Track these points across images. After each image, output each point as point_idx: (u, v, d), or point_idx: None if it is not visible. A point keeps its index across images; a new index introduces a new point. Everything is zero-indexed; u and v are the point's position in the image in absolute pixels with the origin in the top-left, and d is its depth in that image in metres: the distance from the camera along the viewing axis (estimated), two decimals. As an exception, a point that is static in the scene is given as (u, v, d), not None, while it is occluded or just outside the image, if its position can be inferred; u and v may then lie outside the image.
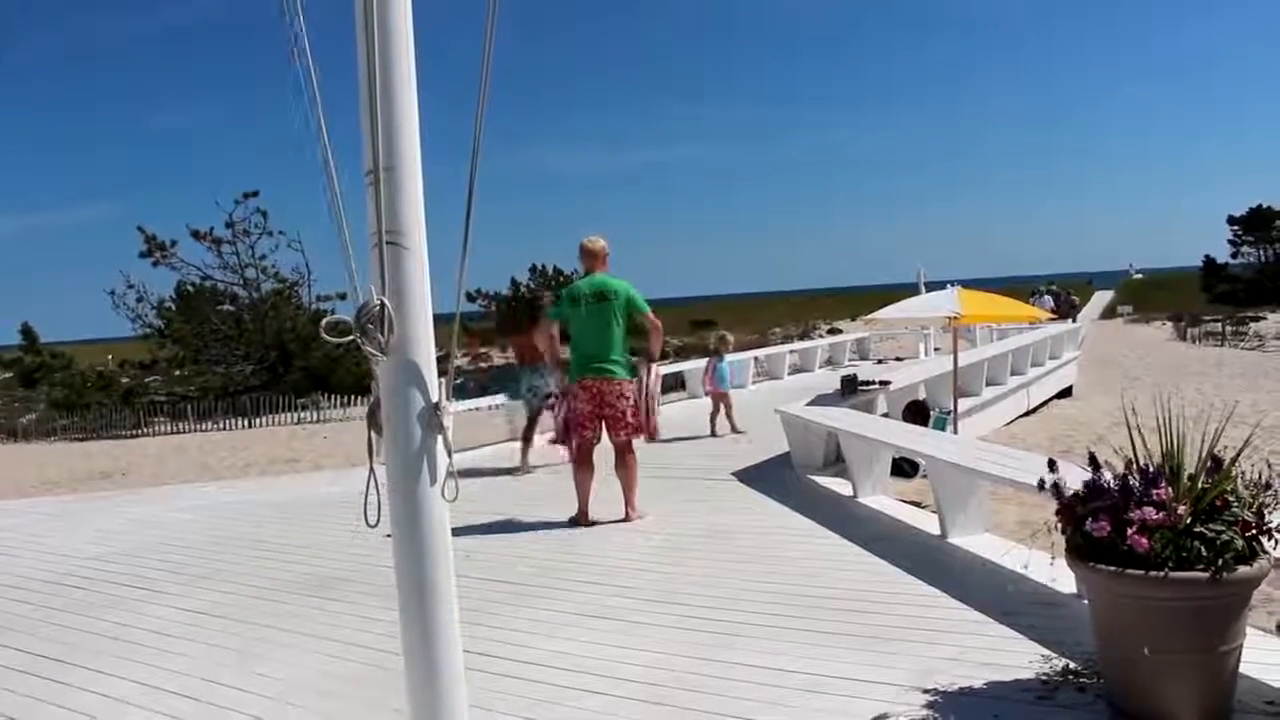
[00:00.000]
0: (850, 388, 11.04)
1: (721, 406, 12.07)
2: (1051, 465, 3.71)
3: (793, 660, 4.06)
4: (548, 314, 7.48)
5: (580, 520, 6.88)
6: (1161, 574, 3.09)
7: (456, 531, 2.54)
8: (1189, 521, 3.13)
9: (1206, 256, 65.79)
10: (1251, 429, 4.64)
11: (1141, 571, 3.11)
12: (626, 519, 6.91)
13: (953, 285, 12.34)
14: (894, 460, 7.90)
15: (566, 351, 7.16)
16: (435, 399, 2.42)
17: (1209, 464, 3.28)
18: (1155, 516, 3.13)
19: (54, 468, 16.01)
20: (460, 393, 23.61)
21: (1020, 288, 22.23)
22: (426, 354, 2.42)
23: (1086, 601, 3.74)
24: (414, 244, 2.38)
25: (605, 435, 6.94)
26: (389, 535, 2.46)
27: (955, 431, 10.52)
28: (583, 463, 6.92)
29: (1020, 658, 3.89)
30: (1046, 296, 22.01)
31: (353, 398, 22.62)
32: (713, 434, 11.71)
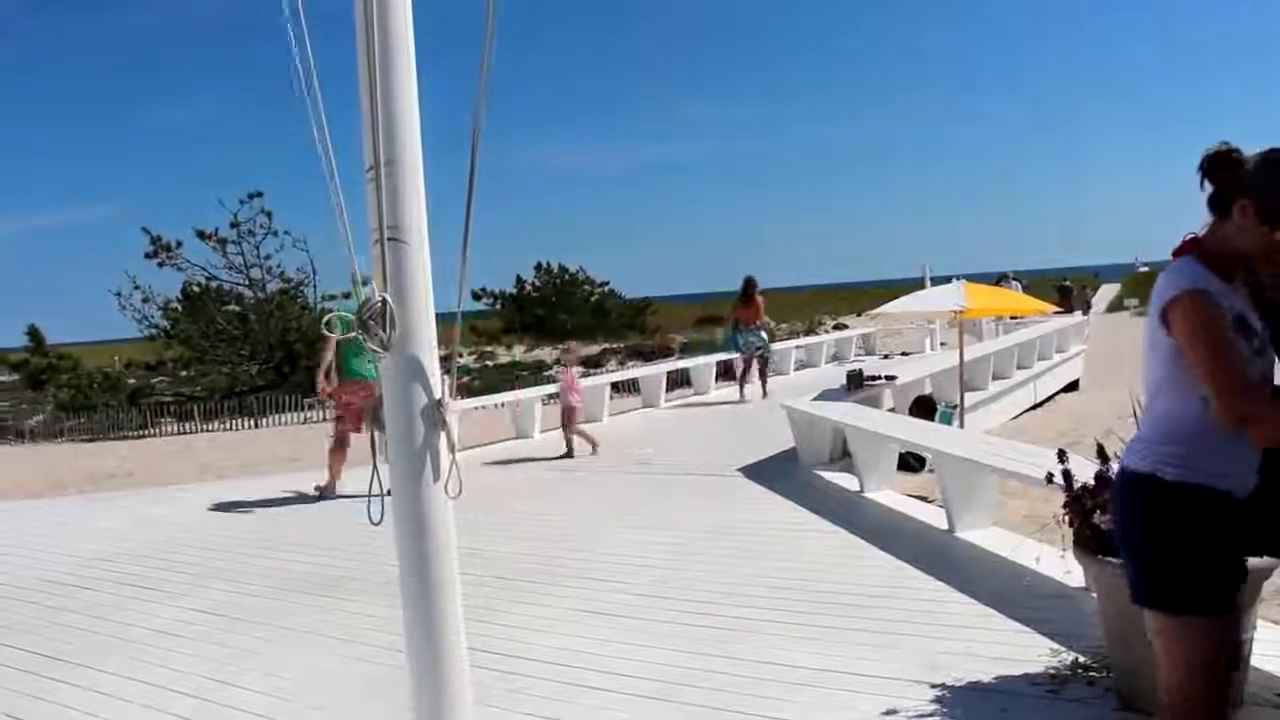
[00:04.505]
0: (856, 383, 11.01)
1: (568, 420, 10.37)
2: (1060, 458, 3.69)
3: (798, 655, 4.04)
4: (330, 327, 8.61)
5: (329, 493, 8.41)
6: (1171, 566, 3.06)
7: (458, 524, 2.53)
8: (1198, 513, 3.10)
9: (1213, 249, 65.37)
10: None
11: (1150, 564, 3.08)
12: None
13: (958, 279, 12.27)
14: (900, 455, 7.88)
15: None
16: (438, 395, 2.40)
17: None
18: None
19: (61, 468, 16.03)
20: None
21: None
22: (429, 350, 2.40)
23: (1095, 595, 3.72)
24: (415, 240, 2.37)
25: (353, 428, 8.24)
26: (393, 530, 2.45)
27: (961, 426, 10.48)
28: (346, 449, 8.44)
29: (1029, 652, 3.88)
30: (1014, 283, 21.79)
31: (359, 397, 22.63)
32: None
